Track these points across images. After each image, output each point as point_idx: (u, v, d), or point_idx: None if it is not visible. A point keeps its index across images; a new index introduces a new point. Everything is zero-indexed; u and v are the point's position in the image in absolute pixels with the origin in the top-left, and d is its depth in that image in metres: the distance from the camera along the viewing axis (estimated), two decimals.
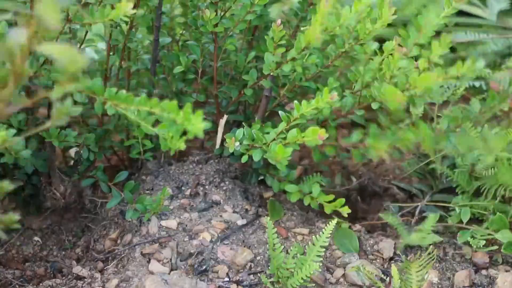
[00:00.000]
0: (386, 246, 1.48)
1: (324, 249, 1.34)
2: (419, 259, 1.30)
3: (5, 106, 0.77)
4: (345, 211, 1.46)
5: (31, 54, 0.78)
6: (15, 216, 1.02)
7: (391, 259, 1.46)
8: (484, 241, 1.41)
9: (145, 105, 1.07)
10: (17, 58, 0.73)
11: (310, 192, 1.49)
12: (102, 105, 1.11)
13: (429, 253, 1.31)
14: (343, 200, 1.46)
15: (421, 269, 1.29)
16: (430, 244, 1.43)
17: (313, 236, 1.38)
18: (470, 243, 1.42)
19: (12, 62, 0.73)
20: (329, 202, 1.47)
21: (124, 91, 1.09)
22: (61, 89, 0.73)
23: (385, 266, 1.44)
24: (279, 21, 1.37)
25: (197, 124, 1.03)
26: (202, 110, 1.62)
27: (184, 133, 1.10)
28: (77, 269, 1.41)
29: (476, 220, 1.49)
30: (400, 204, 1.64)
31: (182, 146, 1.08)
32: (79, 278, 1.38)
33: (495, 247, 1.41)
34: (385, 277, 1.37)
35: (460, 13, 2.14)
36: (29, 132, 1.22)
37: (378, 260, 1.46)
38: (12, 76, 0.74)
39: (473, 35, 2.07)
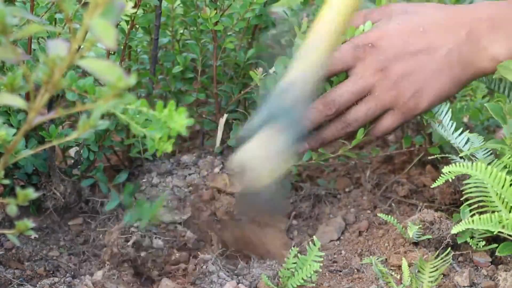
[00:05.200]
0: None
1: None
2: (434, 259, 1.31)
3: (36, 115, 0.77)
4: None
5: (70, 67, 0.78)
6: (29, 222, 1.01)
7: None
8: (484, 242, 1.42)
9: (133, 104, 1.06)
10: (56, 71, 0.73)
11: None
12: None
13: (446, 255, 1.32)
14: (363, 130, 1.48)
15: (435, 270, 1.30)
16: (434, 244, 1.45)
17: (314, 236, 1.39)
18: (470, 243, 1.43)
19: (50, 74, 0.73)
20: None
21: None
22: (104, 104, 0.73)
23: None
24: None
25: (180, 121, 1.02)
26: (202, 108, 1.66)
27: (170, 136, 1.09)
28: (76, 267, 1.41)
29: None
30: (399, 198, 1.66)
31: (169, 148, 1.07)
32: (78, 276, 1.38)
33: (495, 245, 1.40)
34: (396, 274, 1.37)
35: None
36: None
37: None
38: (47, 87, 0.74)
39: None
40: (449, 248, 1.38)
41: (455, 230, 1.29)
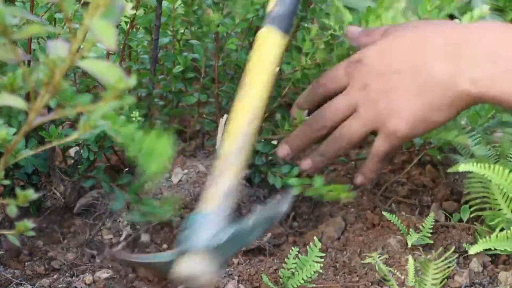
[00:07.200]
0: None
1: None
2: (437, 260, 1.31)
3: (36, 116, 0.77)
4: (348, 197, 1.46)
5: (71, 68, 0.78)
6: (29, 223, 1.02)
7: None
8: None
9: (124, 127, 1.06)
10: (56, 72, 0.73)
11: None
12: None
13: (450, 256, 1.33)
14: (346, 186, 1.45)
15: (439, 272, 1.30)
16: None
17: (314, 236, 1.39)
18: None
19: (51, 75, 0.73)
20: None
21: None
22: (104, 105, 0.73)
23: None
24: None
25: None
26: (202, 109, 1.66)
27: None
28: (76, 267, 1.42)
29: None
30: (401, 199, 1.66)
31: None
32: (77, 275, 1.38)
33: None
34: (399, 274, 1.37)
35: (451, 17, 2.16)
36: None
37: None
38: (47, 88, 0.74)
39: None
40: (452, 249, 1.39)
41: (473, 250, 1.29)
